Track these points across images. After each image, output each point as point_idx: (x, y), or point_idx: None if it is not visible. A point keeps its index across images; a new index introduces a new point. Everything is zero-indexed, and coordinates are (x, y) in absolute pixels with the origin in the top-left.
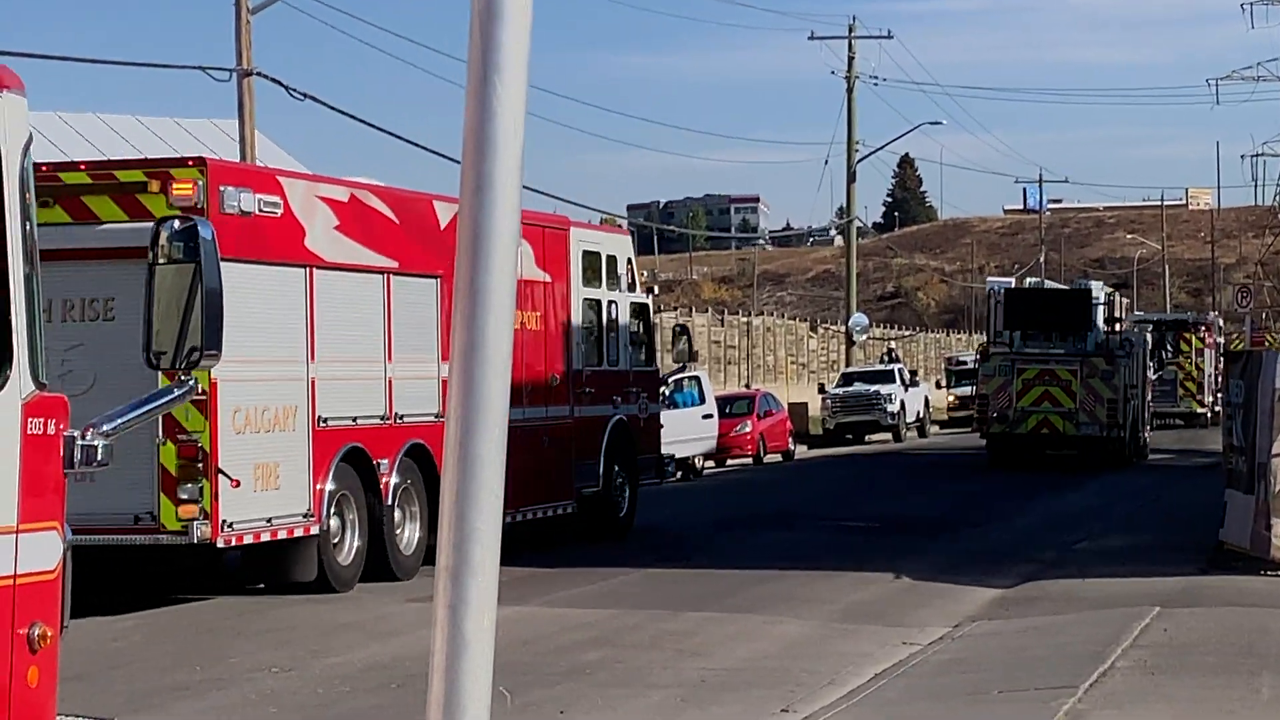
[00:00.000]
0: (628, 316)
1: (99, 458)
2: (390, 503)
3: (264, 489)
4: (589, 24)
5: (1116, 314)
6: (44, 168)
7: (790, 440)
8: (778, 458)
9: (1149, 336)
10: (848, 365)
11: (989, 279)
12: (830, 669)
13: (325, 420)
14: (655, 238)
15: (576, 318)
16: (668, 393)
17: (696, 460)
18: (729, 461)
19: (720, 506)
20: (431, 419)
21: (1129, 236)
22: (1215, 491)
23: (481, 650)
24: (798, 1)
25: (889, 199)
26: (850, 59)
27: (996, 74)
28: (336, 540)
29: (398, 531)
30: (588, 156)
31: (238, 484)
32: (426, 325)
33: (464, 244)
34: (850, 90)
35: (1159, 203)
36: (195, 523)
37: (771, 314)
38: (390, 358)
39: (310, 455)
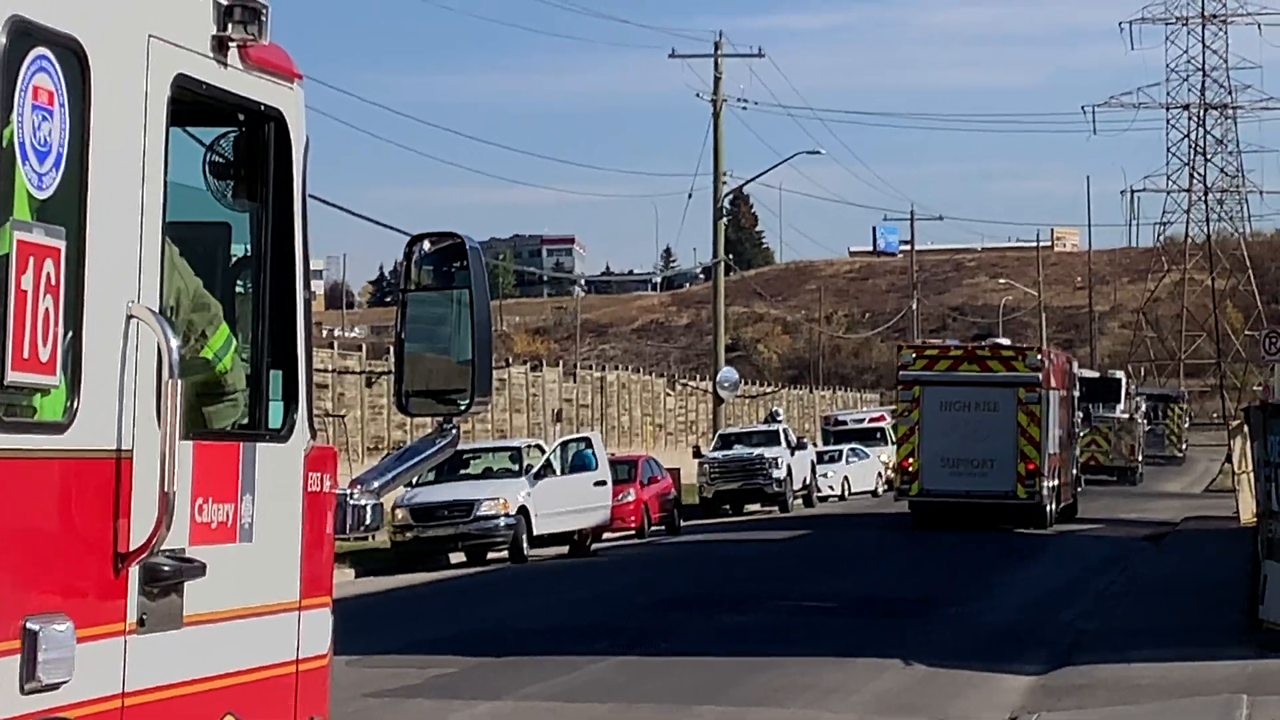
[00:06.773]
0: None
1: (368, 520)
2: None
3: None
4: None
5: (1128, 390)
6: (969, 346)
7: (675, 511)
8: (660, 529)
9: (1144, 405)
10: (715, 425)
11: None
12: None
13: None
14: None
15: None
16: (554, 459)
17: (584, 534)
18: (605, 535)
19: (647, 587)
20: None
21: (1001, 281)
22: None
23: None
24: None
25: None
26: (717, 79)
27: (842, 99)
28: None
29: None
30: (387, 187)
31: None
32: None
33: None
34: (717, 115)
35: (1024, 243)
36: None
37: (617, 369)
38: None
39: None
